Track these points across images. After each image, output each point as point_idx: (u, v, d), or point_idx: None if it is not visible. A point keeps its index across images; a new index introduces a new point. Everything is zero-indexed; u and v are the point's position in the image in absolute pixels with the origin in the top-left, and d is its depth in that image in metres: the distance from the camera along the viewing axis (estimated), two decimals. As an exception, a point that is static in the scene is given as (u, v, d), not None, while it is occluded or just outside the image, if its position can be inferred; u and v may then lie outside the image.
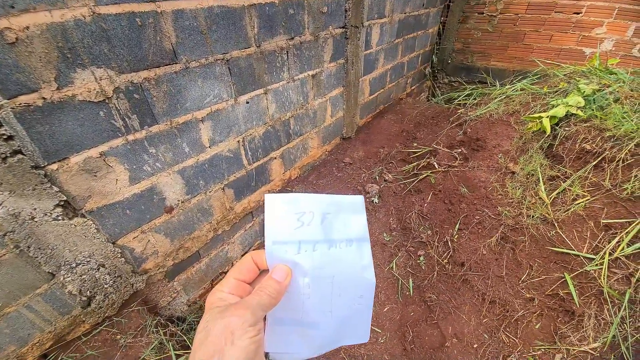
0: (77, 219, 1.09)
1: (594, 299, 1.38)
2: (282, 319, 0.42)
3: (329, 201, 0.46)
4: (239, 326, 0.34)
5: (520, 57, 3.62)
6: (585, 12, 3.08)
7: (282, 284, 0.40)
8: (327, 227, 0.45)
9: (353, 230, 0.47)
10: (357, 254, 0.47)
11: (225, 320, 0.34)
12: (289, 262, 0.42)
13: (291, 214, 0.44)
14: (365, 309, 0.47)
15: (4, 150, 0.88)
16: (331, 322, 0.45)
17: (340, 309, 0.45)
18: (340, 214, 0.47)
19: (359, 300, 0.46)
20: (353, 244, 0.47)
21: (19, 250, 1.00)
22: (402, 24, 2.89)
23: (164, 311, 1.62)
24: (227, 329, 0.33)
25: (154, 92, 1.17)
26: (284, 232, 0.43)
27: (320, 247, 0.44)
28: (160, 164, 1.30)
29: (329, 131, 2.49)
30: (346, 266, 0.45)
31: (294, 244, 0.42)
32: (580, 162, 1.84)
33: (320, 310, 0.44)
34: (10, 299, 1.05)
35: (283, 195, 0.44)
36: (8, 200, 0.93)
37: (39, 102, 0.90)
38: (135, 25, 1.03)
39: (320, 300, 0.44)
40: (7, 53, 0.81)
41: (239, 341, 0.33)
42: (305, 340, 0.43)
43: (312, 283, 0.43)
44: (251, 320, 0.35)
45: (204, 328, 0.35)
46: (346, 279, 0.45)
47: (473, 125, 2.53)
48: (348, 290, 0.45)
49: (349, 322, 0.46)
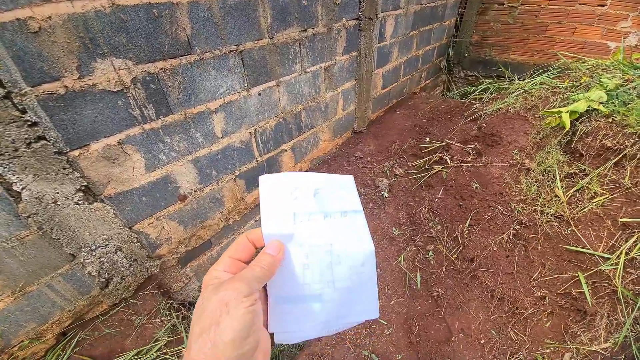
0: (97, 204, 1.14)
1: (607, 299, 1.35)
2: (284, 297, 0.42)
3: (320, 179, 0.49)
4: (233, 297, 0.34)
5: (541, 51, 3.50)
6: (610, 4, 2.94)
7: (275, 257, 0.41)
8: (320, 200, 0.47)
9: (346, 203, 0.48)
10: (352, 224, 0.47)
11: (220, 295, 0.35)
12: (285, 234, 0.43)
13: (284, 191, 0.46)
14: (368, 279, 0.46)
15: (29, 136, 0.92)
16: (334, 293, 0.44)
17: (343, 279, 0.44)
18: (331, 189, 0.49)
19: (361, 269, 0.45)
20: (347, 214, 0.48)
21: (42, 232, 1.06)
22: (417, 16, 2.83)
23: (177, 296, 1.68)
24: (222, 301, 0.34)
25: (169, 82, 1.20)
26: (278, 206, 0.44)
27: (314, 218, 0.45)
28: (174, 153, 1.34)
29: (340, 125, 2.49)
30: (342, 235, 0.46)
31: (289, 216, 0.44)
32: (600, 159, 1.78)
33: (322, 280, 0.43)
34: (33, 278, 1.11)
35: (276, 175, 0.47)
36: (32, 184, 0.98)
37: (61, 90, 0.94)
38: (152, 17, 1.06)
39: (320, 269, 0.43)
40: (30, 42, 0.85)
41: (235, 310, 0.33)
42: (309, 317, 0.43)
43: (310, 252, 0.43)
44: (246, 291, 0.35)
45: (200, 305, 0.35)
46: (344, 247, 0.45)
47: (488, 120, 2.47)
48: (348, 258, 0.45)
49: (353, 295, 0.45)
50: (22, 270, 1.08)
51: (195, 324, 0.34)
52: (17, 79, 0.85)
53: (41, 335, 1.20)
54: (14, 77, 0.85)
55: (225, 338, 0.32)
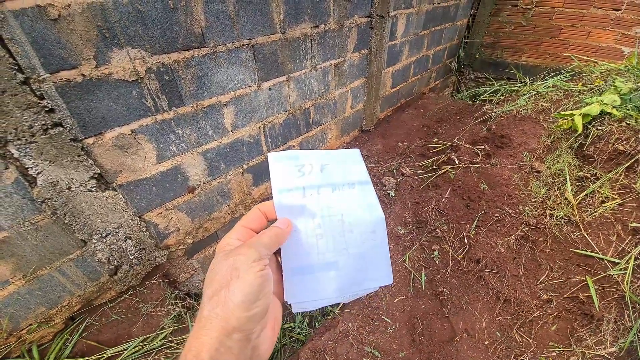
0: (109, 192, 1.17)
1: (615, 304, 1.33)
2: (298, 268, 0.43)
3: (326, 154, 0.50)
4: (243, 262, 0.35)
5: (554, 53, 3.45)
6: (625, 9, 2.90)
7: (283, 229, 0.42)
8: (328, 175, 0.48)
9: (353, 175, 0.50)
10: (360, 195, 0.48)
11: (230, 260, 0.36)
12: (296, 207, 0.45)
13: (292, 167, 0.48)
14: (380, 245, 0.47)
15: (46, 122, 0.94)
16: (349, 260, 0.45)
17: (355, 246, 0.45)
18: (338, 164, 0.50)
19: (372, 236, 0.46)
20: (355, 186, 0.49)
21: (55, 217, 1.08)
22: (429, 15, 2.82)
23: (183, 286, 1.70)
24: (233, 266, 0.35)
25: (182, 74, 1.21)
26: (288, 181, 0.46)
27: (324, 191, 0.47)
28: (185, 145, 1.36)
29: (349, 123, 2.49)
30: (352, 205, 0.47)
31: (298, 190, 0.46)
32: (611, 164, 1.75)
33: (335, 248, 0.44)
34: (44, 262, 1.14)
35: (285, 152, 0.49)
36: (48, 170, 1.00)
37: (78, 78, 0.96)
38: (168, 8, 1.07)
39: (333, 238, 0.45)
40: (50, 29, 0.87)
41: (245, 274, 0.34)
42: (324, 286, 0.44)
43: (322, 222, 0.45)
44: (255, 256, 0.36)
45: (212, 269, 0.37)
46: (354, 216, 0.46)
47: (498, 122, 2.45)
48: (359, 226, 0.46)
49: (367, 261, 0.46)
50: (34, 254, 1.10)
51: (208, 287, 0.35)
52: (35, 65, 0.87)
53: (50, 319, 1.22)
54: (32, 63, 0.87)
55: (235, 300, 0.33)
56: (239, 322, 0.33)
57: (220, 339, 0.32)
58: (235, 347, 0.33)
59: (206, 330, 0.32)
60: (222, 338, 0.32)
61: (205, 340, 0.32)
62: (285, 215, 0.44)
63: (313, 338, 1.52)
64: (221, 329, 0.32)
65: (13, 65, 0.84)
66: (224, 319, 0.33)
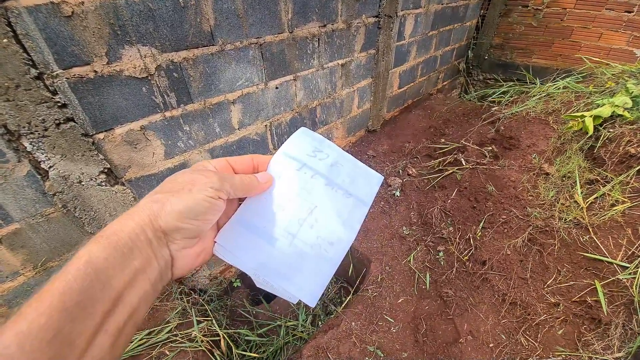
0: (118, 187, 1.19)
1: (624, 308, 1.31)
2: (246, 222, 0.41)
3: (349, 158, 0.50)
4: (202, 182, 0.35)
5: (565, 55, 3.40)
6: (637, 10, 2.84)
7: (260, 183, 0.42)
8: (334, 172, 0.47)
9: (359, 190, 0.48)
10: (349, 208, 0.46)
11: (193, 175, 0.36)
12: (285, 174, 0.45)
13: (310, 146, 0.48)
14: (327, 261, 0.42)
15: (58, 117, 0.97)
16: (288, 249, 0.41)
17: (304, 242, 0.42)
18: (352, 171, 0.49)
19: (328, 247, 0.43)
20: (351, 198, 0.47)
21: (66, 210, 1.11)
22: (438, 15, 2.80)
23: (188, 282, 1.72)
24: (191, 180, 0.35)
25: (191, 71, 1.23)
26: (297, 151, 0.47)
27: (318, 179, 0.46)
28: (192, 142, 1.37)
29: (355, 122, 2.49)
30: (333, 208, 0.45)
31: (298, 163, 0.46)
32: (622, 167, 1.72)
33: (286, 229, 0.42)
34: (54, 254, 1.16)
35: (315, 133, 0.49)
36: (59, 163, 1.02)
37: (90, 74, 0.98)
38: (179, 6, 1.09)
39: (291, 219, 0.43)
40: (63, 25, 0.89)
41: (197, 192, 0.34)
42: (252, 252, 0.41)
43: (294, 199, 0.44)
44: (216, 185, 0.36)
45: (173, 176, 0.37)
46: (326, 217, 0.44)
47: (507, 123, 2.42)
48: (322, 228, 0.43)
49: (304, 263, 0.42)
50: (44, 246, 1.13)
51: (159, 187, 0.36)
52: (49, 61, 0.90)
53: (59, 311, 1.24)
54: (46, 59, 0.89)
55: (174, 207, 0.33)
56: (166, 225, 0.33)
57: (144, 228, 0.32)
58: (154, 241, 0.33)
59: (133, 216, 0.32)
60: (145, 228, 0.32)
61: (129, 224, 0.31)
62: (273, 175, 0.44)
63: (316, 336, 1.52)
64: (148, 221, 0.32)
65: (27, 60, 0.86)
66: (154, 214, 0.33)
